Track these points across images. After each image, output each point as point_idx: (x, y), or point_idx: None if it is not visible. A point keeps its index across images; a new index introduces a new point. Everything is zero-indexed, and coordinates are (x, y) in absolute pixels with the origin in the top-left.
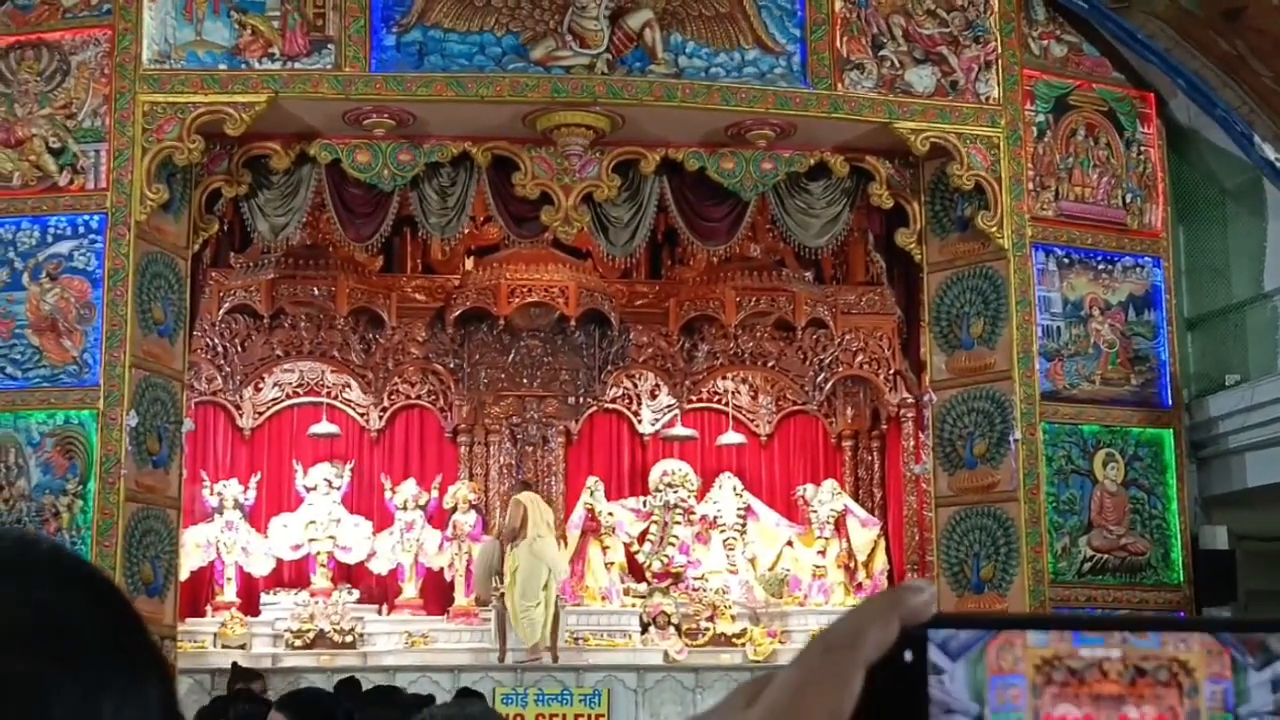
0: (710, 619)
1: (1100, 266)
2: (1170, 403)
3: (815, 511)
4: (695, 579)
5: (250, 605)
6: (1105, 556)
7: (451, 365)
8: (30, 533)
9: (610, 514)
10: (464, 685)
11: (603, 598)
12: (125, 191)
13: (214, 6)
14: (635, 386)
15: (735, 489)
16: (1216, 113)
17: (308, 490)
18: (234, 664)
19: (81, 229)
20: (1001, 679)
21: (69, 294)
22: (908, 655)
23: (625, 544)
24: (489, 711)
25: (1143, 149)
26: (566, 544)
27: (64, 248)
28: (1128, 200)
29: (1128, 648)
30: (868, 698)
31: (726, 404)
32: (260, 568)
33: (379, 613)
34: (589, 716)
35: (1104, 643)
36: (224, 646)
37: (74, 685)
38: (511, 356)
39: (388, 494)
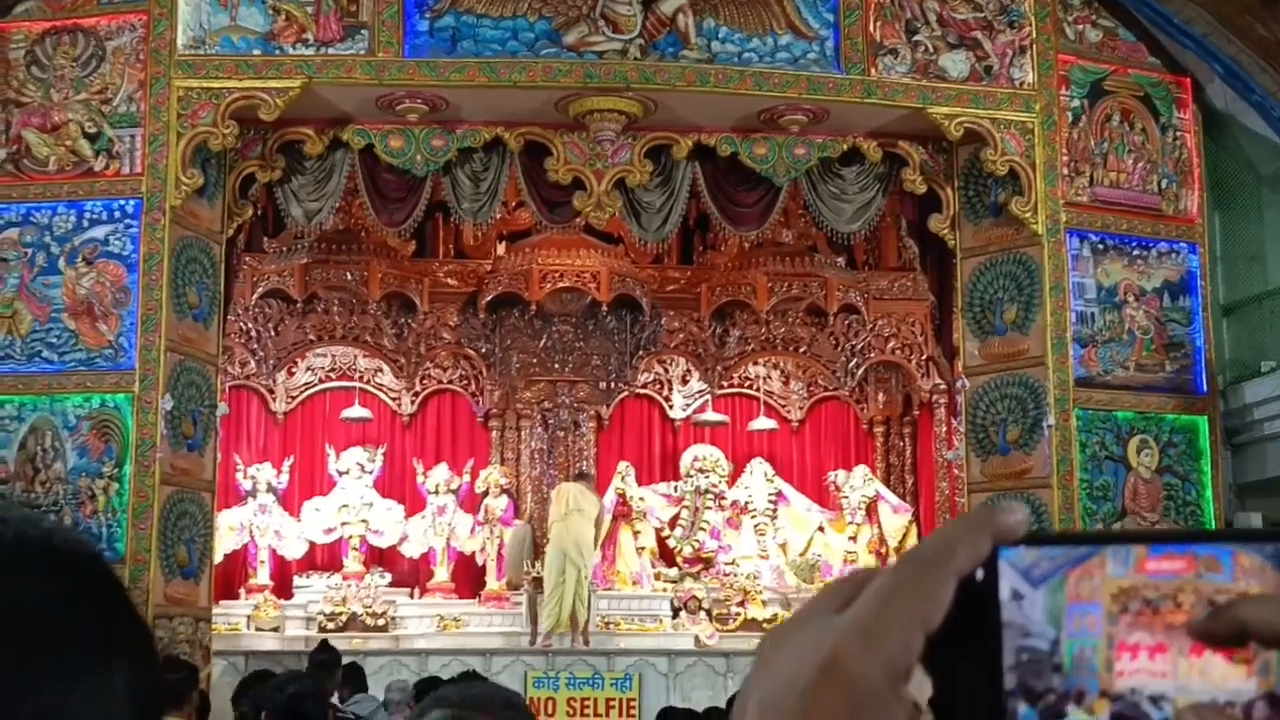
0: (741, 604)
1: (1135, 252)
2: (1205, 389)
3: (847, 497)
4: (726, 564)
5: (283, 588)
6: None
7: (483, 350)
8: (32, 517)
9: (641, 499)
10: (495, 669)
11: (634, 582)
12: (160, 176)
13: None
14: (667, 372)
15: (766, 474)
16: (1253, 98)
17: (340, 474)
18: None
19: (117, 214)
20: (1079, 606)
21: (105, 278)
22: (979, 574)
23: (656, 529)
24: (497, 689)
25: (1178, 134)
26: (599, 534)
27: (100, 232)
28: (1163, 186)
29: (1201, 582)
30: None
31: (758, 389)
32: (293, 551)
33: (411, 596)
34: (620, 700)
35: (1178, 578)
36: (257, 629)
37: (43, 679)
38: (543, 341)
39: (419, 478)
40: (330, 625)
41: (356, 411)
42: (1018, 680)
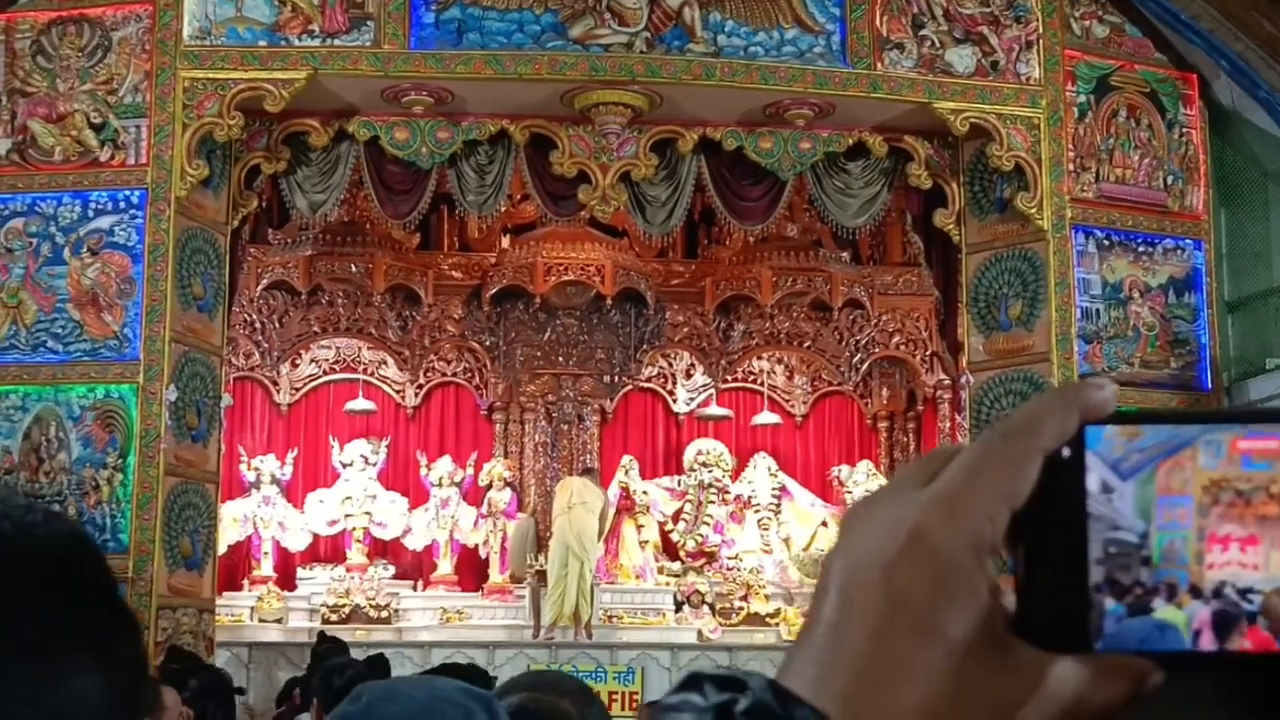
0: (744, 598)
1: (1140, 249)
2: (1210, 386)
3: (850, 492)
4: (729, 558)
5: (287, 580)
6: None
7: (487, 343)
8: (14, 507)
9: (645, 493)
10: (498, 662)
11: (637, 576)
12: (166, 167)
13: None
14: (671, 366)
15: (770, 469)
16: (1260, 95)
17: (344, 466)
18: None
19: (122, 204)
20: (1169, 499)
21: (110, 269)
22: (1065, 452)
23: (660, 523)
24: (565, 676)
25: (1184, 131)
26: (603, 528)
27: (105, 223)
28: (1169, 182)
29: None
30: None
31: (762, 384)
32: (297, 543)
33: (414, 589)
34: (623, 694)
35: (1271, 468)
36: (260, 620)
37: (4, 681)
38: (547, 335)
39: (423, 471)
40: (333, 617)
41: (360, 404)
42: (1105, 574)
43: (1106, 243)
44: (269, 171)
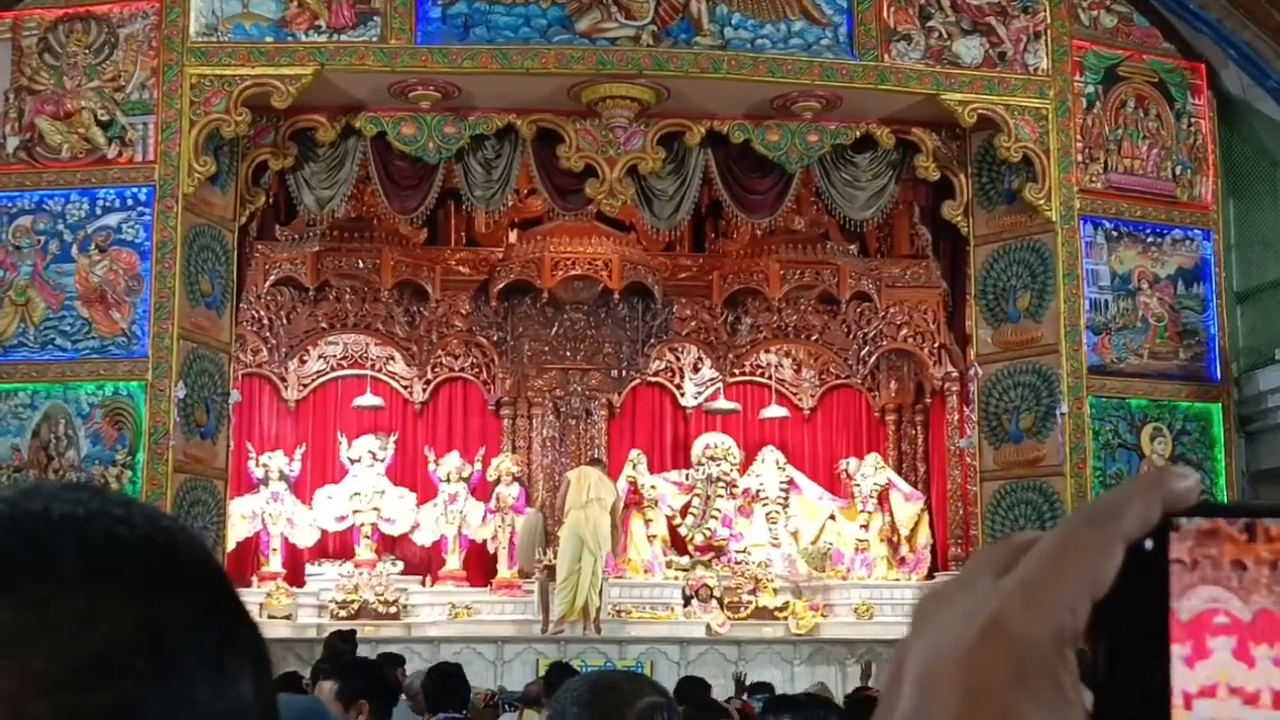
0: (752, 592)
1: (1149, 239)
2: (1219, 377)
3: (858, 485)
4: (737, 552)
5: (295, 576)
6: None
7: (495, 338)
8: (153, 516)
9: (653, 487)
10: (507, 657)
11: (645, 570)
12: (173, 164)
13: None
14: (678, 360)
15: (778, 462)
16: (1269, 84)
17: (352, 462)
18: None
19: (130, 201)
20: None
21: (118, 266)
22: (1149, 544)
23: (668, 517)
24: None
25: (1193, 121)
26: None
27: (112, 220)
28: (1177, 173)
29: None
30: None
31: (769, 377)
32: (305, 539)
33: (423, 584)
34: None
35: None
36: (269, 617)
37: (159, 705)
38: (555, 329)
39: (431, 466)
40: (342, 613)
41: (368, 399)
42: None
43: (1115, 234)
44: (276, 168)
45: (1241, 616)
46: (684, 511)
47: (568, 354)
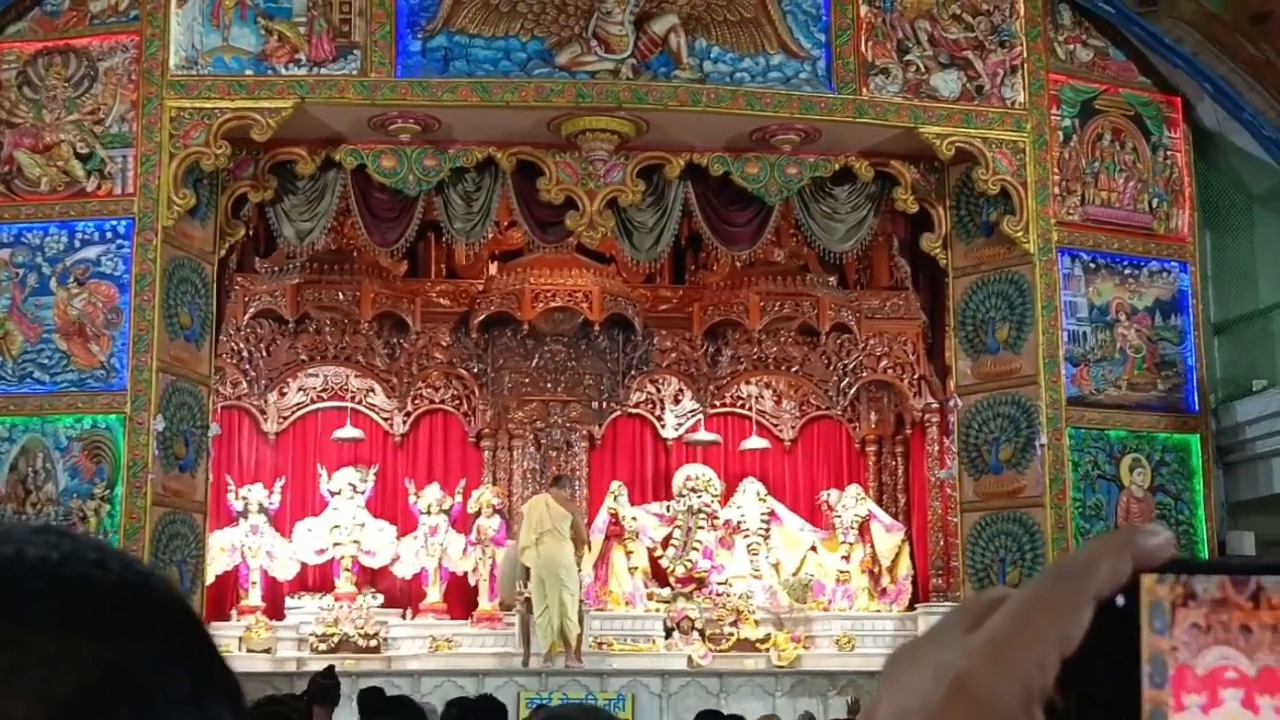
0: (734, 624)
1: (1127, 271)
2: (1197, 408)
3: (839, 517)
4: (719, 584)
5: (275, 609)
6: None
7: (475, 370)
8: (128, 560)
9: (634, 519)
10: (488, 690)
11: (626, 602)
12: (152, 197)
13: (241, 13)
14: (659, 391)
15: (759, 494)
16: (1244, 117)
17: (332, 495)
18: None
19: (109, 234)
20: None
21: (96, 299)
22: (1120, 601)
23: (649, 549)
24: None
25: (1169, 154)
26: (590, 547)
27: (91, 253)
28: (1154, 205)
29: None
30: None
31: (750, 409)
32: (285, 572)
33: (403, 617)
34: None
35: None
36: (249, 650)
37: None
38: (535, 361)
39: (411, 498)
40: (322, 646)
41: (348, 432)
42: None
43: (1092, 266)
44: (256, 200)
45: (1248, 672)
46: (665, 543)
47: (548, 386)
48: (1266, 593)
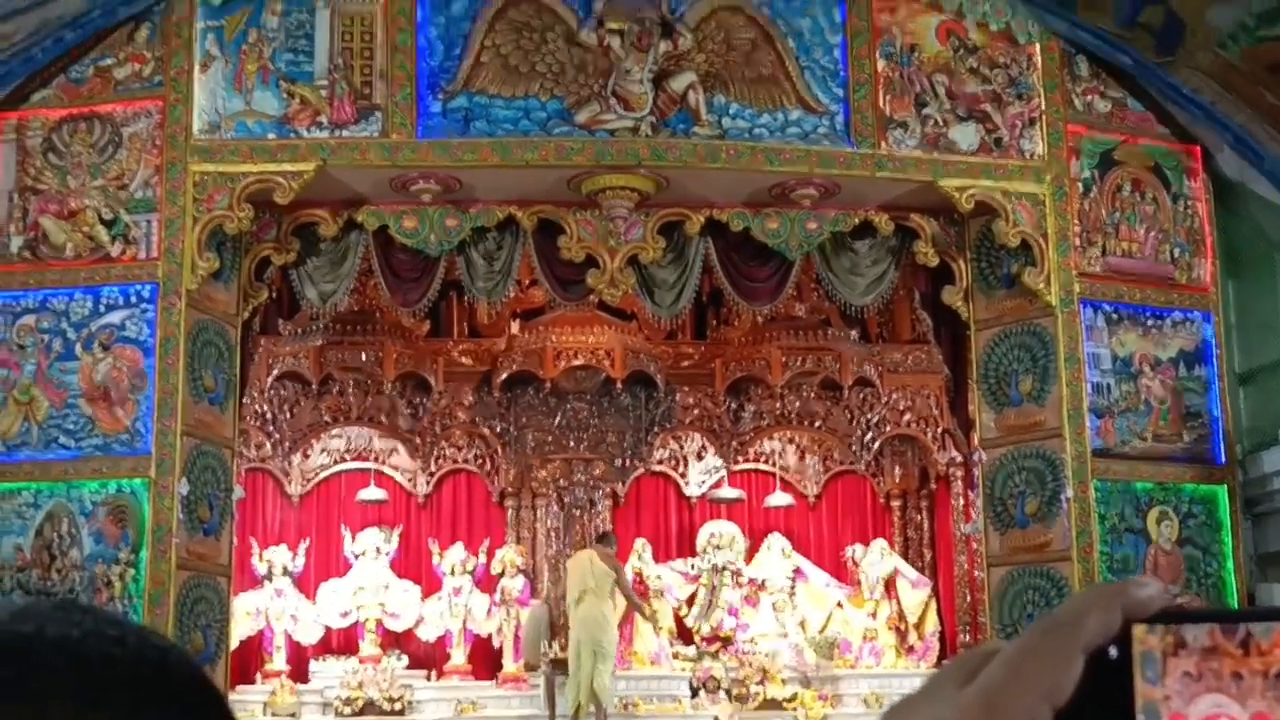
0: (760, 682)
1: (1150, 322)
2: (1224, 459)
3: (865, 573)
4: (745, 642)
5: (299, 673)
6: None
7: (498, 429)
8: (146, 635)
9: (658, 577)
10: None
11: (651, 662)
12: (176, 261)
13: (263, 77)
14: (682, 448)
15: (784, 550)
16: (1264, 167)
17: (356, 556)
18: None
19: (133, 298)
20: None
21: (121, 363)
22: (1113, 652)
23: (673, 607)
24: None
25: (1190, 203)
26: (616, 606)
27: (116, 317)
28: (1176, 255)
29: None
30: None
31: (773, 465)
32: (309, 635)
33: (428, 679)
34: None
35: None
36: (274, 715)
37: None
38: (558, 419)
39: (435, 559)
40: (347, 710)
41: (372, 493)
42: None
43: (1115, 316)
44: (279, 262)
45: (1241, 718)
46: (690, 601)
47: (571, 444)
48: (1256, 639)
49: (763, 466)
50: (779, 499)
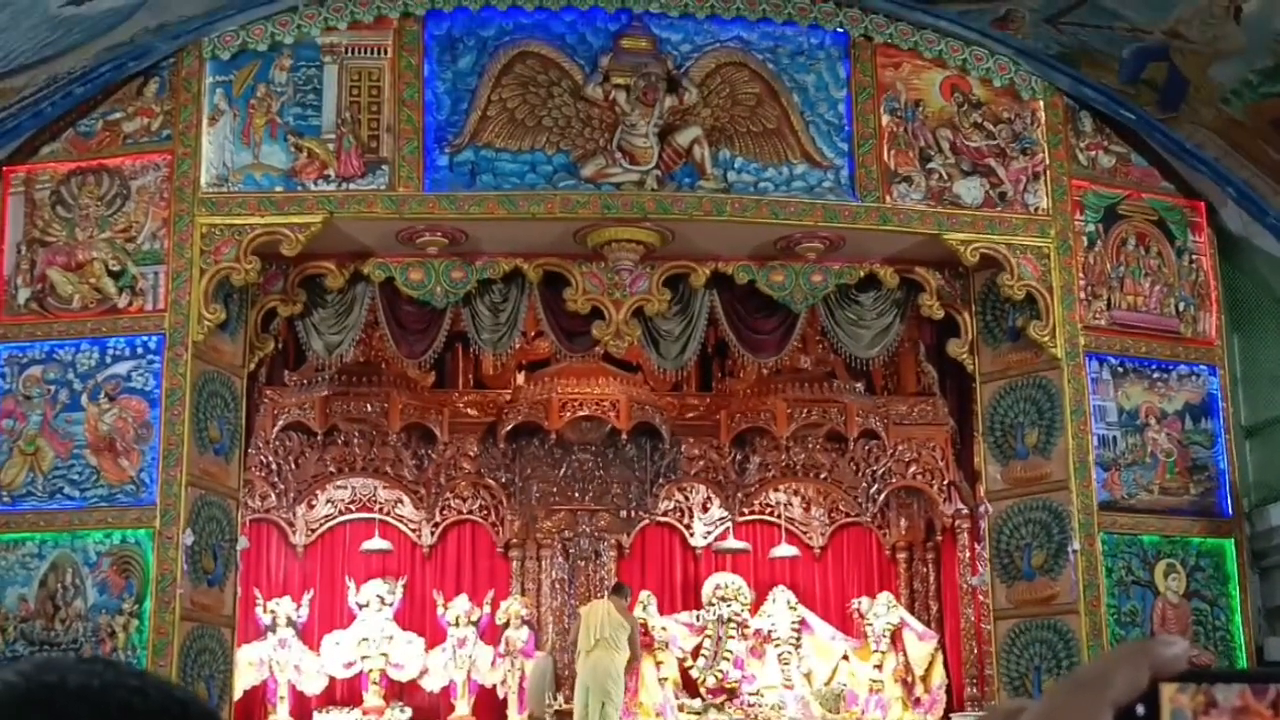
0: None
1: (1155, 375)
2: (1231, 512)
3: (871, 625)
4: (750, 694)
5: None
6: None
7: (503, 480)
8: (168, 687)
9: (663, 628)
10: None
11: (657, 714)
12: (183, 312)
13: (271, 131)
14: (687, 499)
15: (789, 602)
16: (1268, 221)
17: (360, 607)
18: None
19: (140, 350)
20: None
21: (127, 414)
22: (1140, 710)
23: (679, 659)
24: None
25: (1194, 257)
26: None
27: (122, 368)
28: (1181, 309)
29: None
30: None
31: (779, 516)
32: (313, 686)
33: None
34: None
35: None
36: None
37: None
38: (563, 470)
39: (440, 610)
40: None
41: (376, 543)
42: None
43: (1121, 370)
44: (285, 314)
45: None
46: (695, 653)
47: (576, 495)
48: None
49: (768, 518)
50: (784, 550)
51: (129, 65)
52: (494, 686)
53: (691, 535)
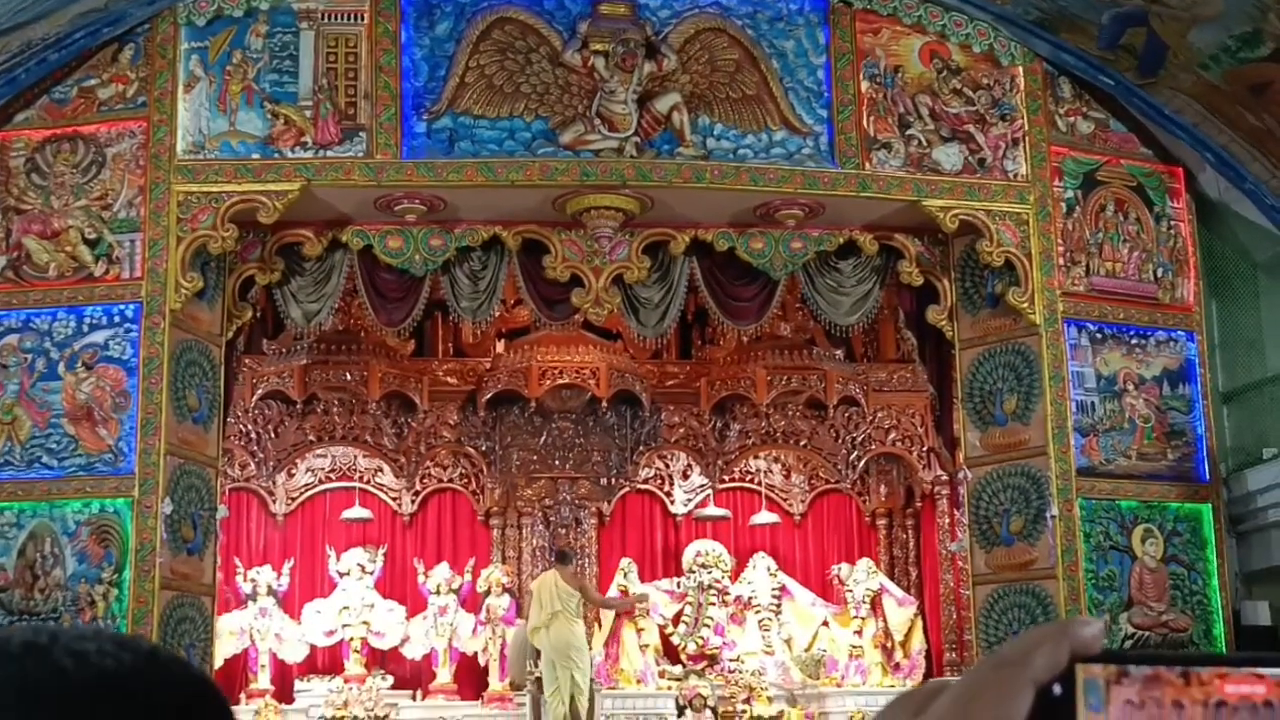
0: (746, 701)
1: (1133, 341)
2: (1208, 477)
3: (851, 591)
4: (731, 660)
5: (284, 693)
6: (1146, 633)
7: (483, 448)
8: (129, 642)
9: (644, 595)
10: None
11: (638, 681)
12: (160, 281)
13: (247, 97)
14: (667, 467)
15: (769, 569)
16: (1246, 186)
17: (341, 575)
18: None
19: (117, 318)
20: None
21: (104, 383)
22: (1057, 689)
23: (659, 626)
24: None
25: (1173, 223)
26: (601, 625)
27: (99, 337)
28: (1159, 275)
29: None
30: None
31: (759, 483)
32: (294, 654)
33: (413, 699)
34: None
35: (1256, 708)
36: None
37: None
38: (543, 438)
39: (420, 578)
40: None
41: (357, 512)
42: None
43: (1099, 336)
44: (263, 282)
45: None
46: (676, 620)
47: (556, 463)
48: (1196, 670)
49: (748, 485)
50: (764, 517)
51: (104, 31)
52: (475, 654)
53: (672, 503)
